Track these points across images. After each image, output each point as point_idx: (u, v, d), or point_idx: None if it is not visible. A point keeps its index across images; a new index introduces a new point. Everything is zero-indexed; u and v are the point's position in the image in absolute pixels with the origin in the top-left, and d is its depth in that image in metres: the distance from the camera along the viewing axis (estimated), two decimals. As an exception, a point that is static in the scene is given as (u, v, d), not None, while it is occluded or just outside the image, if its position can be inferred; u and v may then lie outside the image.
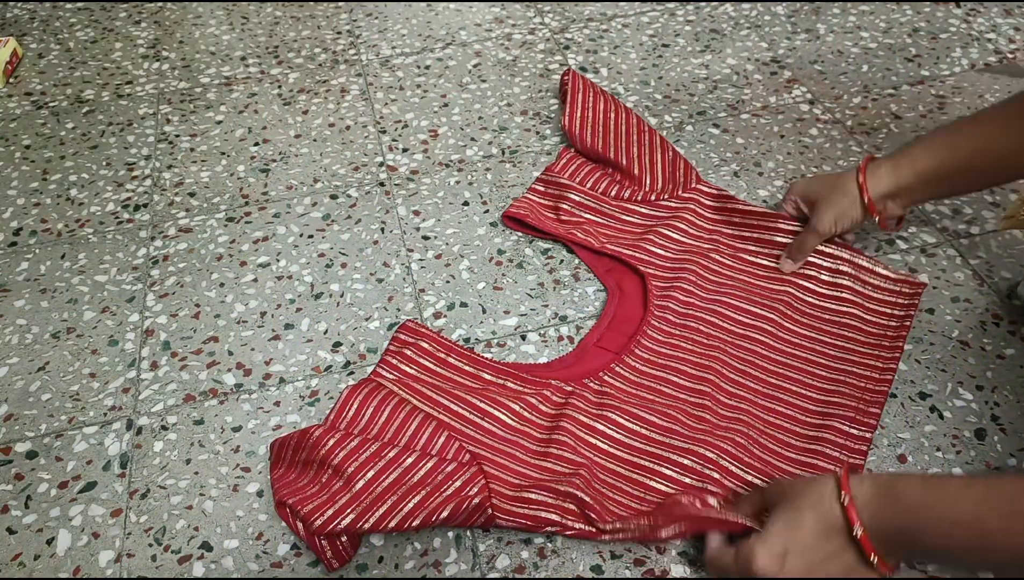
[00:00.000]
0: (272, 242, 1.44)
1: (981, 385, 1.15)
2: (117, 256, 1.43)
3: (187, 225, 1.48)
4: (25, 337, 1.29)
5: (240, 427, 1.15)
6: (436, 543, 1.02)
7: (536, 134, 1.63)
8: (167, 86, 1.84)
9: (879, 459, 1.07)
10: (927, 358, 1.19)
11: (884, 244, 1.37)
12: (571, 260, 1.37)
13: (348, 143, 1.64)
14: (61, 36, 2.03)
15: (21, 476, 1.11)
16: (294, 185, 1.55)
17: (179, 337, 1.28)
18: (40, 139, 1.70)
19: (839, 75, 1.74)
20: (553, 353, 1.23)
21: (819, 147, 1.56)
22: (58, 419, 1.18)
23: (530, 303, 1.30)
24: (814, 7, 1.96)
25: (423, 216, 1.47)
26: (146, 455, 1.13)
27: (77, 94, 1.83)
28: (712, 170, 1.52)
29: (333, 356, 1.24)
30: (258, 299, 1.34)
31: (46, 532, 1.05)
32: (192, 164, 1.62)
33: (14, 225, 1.50)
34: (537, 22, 1.96)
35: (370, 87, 1.79)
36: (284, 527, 1.03)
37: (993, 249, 1.34)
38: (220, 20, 2.05)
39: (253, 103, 1.76)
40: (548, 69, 1.80)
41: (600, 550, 1.00)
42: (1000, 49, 1.78)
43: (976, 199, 1.43)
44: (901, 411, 1.12)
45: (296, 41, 1.96)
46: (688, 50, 1.84)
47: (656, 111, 1.67)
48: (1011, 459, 1.06)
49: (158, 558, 1.02)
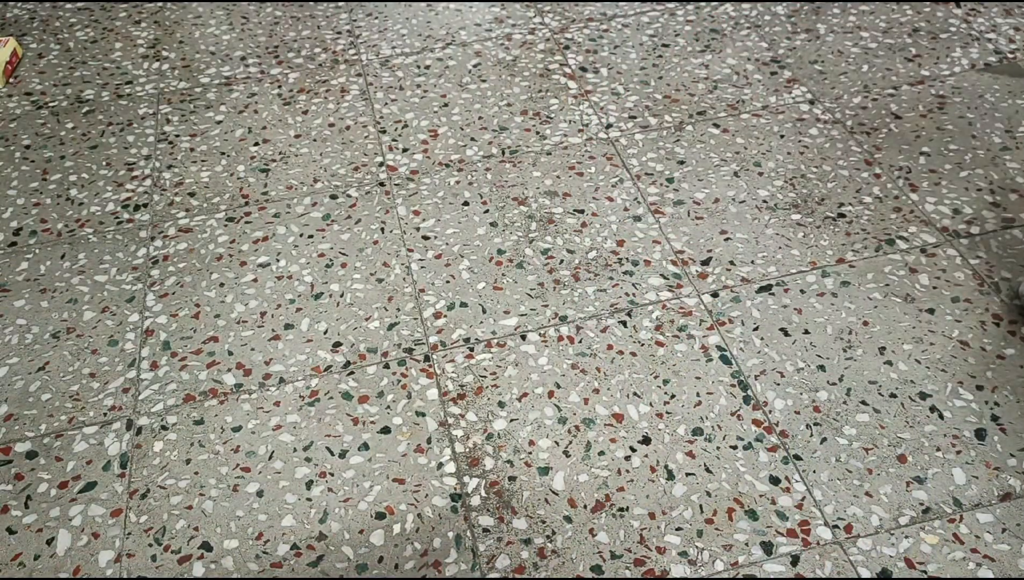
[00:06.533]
0: (272, 242, 1.44)
1: (981, 385, 1.15)
2: (117, 256, 1.43)
3: (187, 225, 1.48)
4: (25, 337, 1.29)
5: (240, 427, 1.15)
6: (436, 543, 1.02)
7: (536, 134, 1.63)
8: (167, 86, 1.84)
9: (879, 459, 1.07)
10: (927, 358, 1.19)
11: (884, 244, 1.37)
12: (571, 260, 1.37)
13: (348, 143, 1.64)
14: (61, 36, 2.03)
15: (21, 476, 1.11)
16: (294, 185, 1.55)
17: (179, 337, 1.28)
18: (40, 139, 1.70)
19: (839, 75, 1.74)
20: (553, 353, 1.23)
21: (819, 147, 1.56)
22: (58, 419, 1.18)
23: (530, 303, 1.30)
24: (814, 7, 1.96)
25: (423, 216, 1.47)
26: (146, 455, 1.13)
27: (77, 94, 1.83)
28: (712, 170, 1.52)
29: (333, 356, 1.24)
30: (258, 299, 1.34)
31: (46, 532, 1.05)
32: (192, 164, 1.62)
33: (14, 225, 1.50)
34: (537, 22, 1.96)
35: (370, 87, 1.79)
36: (284, 527, 1.04)
37: (993, 249, 1.34)
38: (220, 20, 2.05)
39: (253, 103, 1.76)
40: (548, 69, 1.80)
41: (600, 550, 1.00)
42: (1000, 49, 1.78)
43: (976, 199, 1.43)
44: (901, 411, 1.12)
45: (296, 41, 1.96)
46: (688, 50, 1.84)
47: (656, 111, 1.67)
48: (1011, 459, 1.06)
49: (158, 558, 1.02)
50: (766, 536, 1.05)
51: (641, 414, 1.19)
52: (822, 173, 1.51)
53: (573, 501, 1.09)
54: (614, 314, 1.32)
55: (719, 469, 1.12)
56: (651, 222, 1.46)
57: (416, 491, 1.11)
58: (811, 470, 1.11)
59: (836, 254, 1.38)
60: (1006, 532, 1.03)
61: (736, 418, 1.18)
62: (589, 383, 1.22)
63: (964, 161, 1.52)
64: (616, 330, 1.29)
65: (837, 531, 1.05)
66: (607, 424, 1.18)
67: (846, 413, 1.17)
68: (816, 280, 1.35)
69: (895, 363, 1.21)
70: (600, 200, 1.50)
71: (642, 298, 1.34)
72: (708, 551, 1.04)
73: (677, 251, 1.41)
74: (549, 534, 1.04)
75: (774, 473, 1.11)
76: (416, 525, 1.07)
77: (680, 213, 1.47)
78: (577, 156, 1.59)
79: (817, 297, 1.32)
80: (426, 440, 1.17)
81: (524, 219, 1.46)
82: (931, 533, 1.04)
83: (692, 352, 1.26)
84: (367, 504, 1.09)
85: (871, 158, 1.54)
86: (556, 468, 1.13)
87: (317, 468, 1.13)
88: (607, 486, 1.11)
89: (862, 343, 1.25)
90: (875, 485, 1.08)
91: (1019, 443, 1.07)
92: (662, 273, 1.37)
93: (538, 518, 1.07)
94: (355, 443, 1.16)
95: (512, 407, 1.20)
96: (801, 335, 1.27)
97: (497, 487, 1.11)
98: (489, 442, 1.16)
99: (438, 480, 1.12)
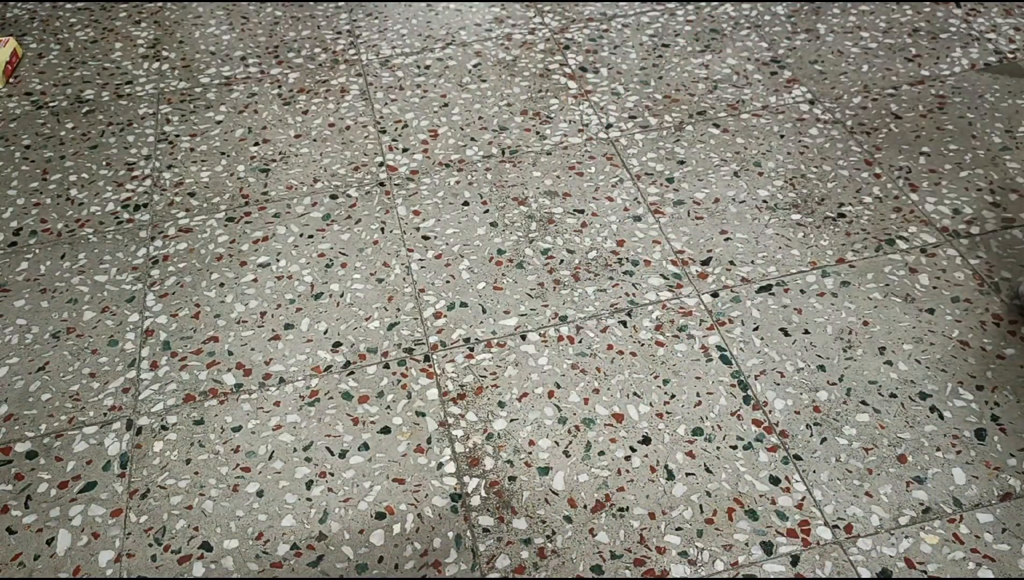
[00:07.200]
0: (272, 242, 1.44)
1: (981, 385, 1.15)
2: (117, 256, 1.43)
3: (187, 225, 1.48)
4: (25, 337, 1.30)
5: (240, 427, 1.15)
6: (436, 543, 1.02)
7: (536, 134, 1.63)
8: (167, 86, 1.84)
9: (879, 459, 1.07)
10: (927, 358, 1.19)
11: (884, 244, 1.37)
12: (571, 260, 1.37)
13: (348, 143, 1.64)
14: (61, 36, 2.03)
15: (21, 476, 1.11)
16: (294, 185, 1.55)
17: (179, 337, 1.28)
18: (40, 139, 1.70)
19: (839, 75, 1.74)
20: (553, 353, 1.23)
21: (819, 147, 1.56)
22: (58, 419, 1.18)
23: (530, 303, 1.30)
24: (814, 7, 1.96)
25: (423, 216, 1.47)
26: (146, 455, 1.13)
27: (77, 94, 1.83)
28: (712, 170, 1.52)
29: (333, 356, 1.24)
30: (258, 299, 1.34)
31: (46, 532, 1.05)
32: (192, 164, 1.62)
33: (14, 225, 1.50)
34: (537, 22, 1.96)
35: (370, 87, 1.79)
36: (284, 527, 1.04)
37: (993, 249, 1.34)
38: (220, 20, 2.05)
39: (253, 103, 1.76)
40: (548, 69, 1.80)
41: (600, 550, 1.00)
42: (1000, 49, 1.78)
43: (976, 199, 1.43)
44: (901, 411, 1.12)
45: (296, 41, 1.96)
46: (688, 50, 1.84)
47: (656, 111, 1.67)
48: (1011, 459, 1.06)
49: (158, 558, 1.02)
50: (766, 536, 1.05)
51: (641, 414, 1.19)
52: (822, 173, 1.51)
53: (573, 501, 1.09)
54: (614, 314, 1.32)
55: (719, 469, 1.12)
56: (651, 222, 1.46)
57: (416, 491, 1.11)
58: (811, 470, 1.11)
59: (836, 254, 1.38)
60: (1006, 532, 1.03)
61: (736, 418, 1.18)
62: (589, 383, 1.22)
63: (964, 161, 1.52)
64: (616, 330, 1.29)
65: (837, 531, 1.05)
66: (607, 424, 1.18)
67: (846, 413, 1.17)
68: (816, 280, 1.35)
69: (895, 363, 1.21)
70: (600, 200, 1.50)
71: (642, 298, 1.34)
72: (708, 551, 1.04)
73: (677, 251, 1.41)
74: (549, 534, 1.04)
75: (774, 473, 1.11)
76: (416, 525, 1.07)
77: (680, 213, 1.47)
78: (577, 156, 1.59)
79: (817, 297, 1.32)
80: (426, 440, 1.17)
81: (524, 219, 1.46)
82: (931, 533, 1.04)
83: (692, 352, 1.26)
84: (367, 504, 1.09)
85: (871, 158, 1.54)
86: (556, 468, 1.13)
87: (317, 468, 1.13)
88: (607, 486, 1.11)
89: (862, 343, 1.25)
90: (875, 485, 1.08)
91: (1019, 443, 1.07)
92: (662, 273, 1.37)
93: (538, 518, 1.07)
94: (355, 443, 1.16)
95: (512, 407, 1.20)
96: (801, 335, 1.27)
97: (497, 487, 1.11)
98: (489, 442, 1.16)
99: (438, 480, 1.12)
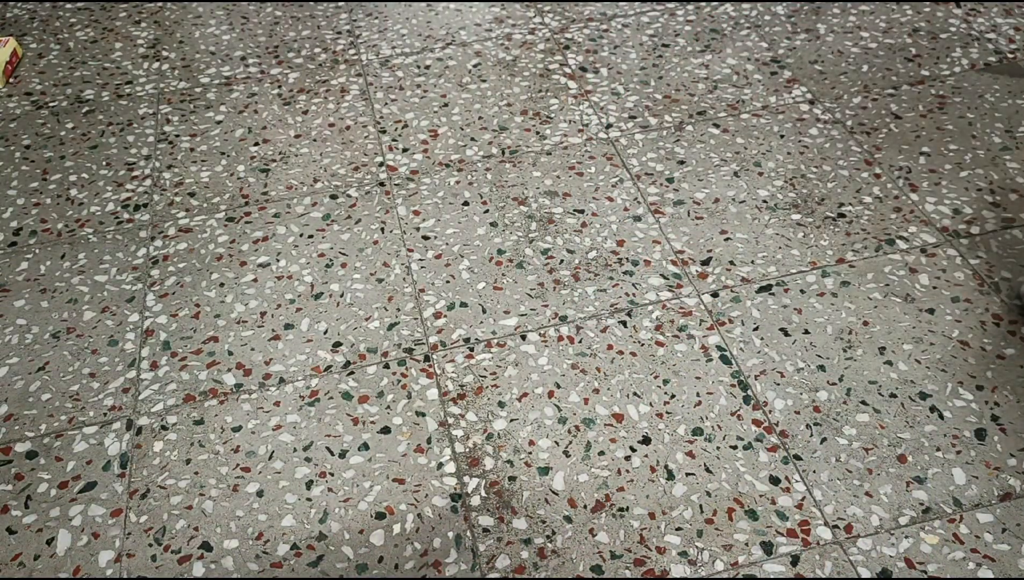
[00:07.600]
0: (272, 242, 1.44)
1: (981, 385, 1.15)
2: (117, 256, 1.43)
3: (187, 225, 1.48)
4: (25, 337, 1.30)
5: (240, 427, 1.15)
6: (436, 543, 1.02)
7: (536, 134, 1.63)
8: (167, 86, 1.84)
9: (879, 459, 1.07)
10: (927, 358, 1.19)
11: (884, 244, 1.37)
12: (571, 260, 1.37)
13: (348, 143, 1.64)
14: (61, 36, 2.03)
15: (21, 476, 1.11)
16: (294, 185, 1.55)
17: (179, 337, 1.28)
18: (40, 139, 1.70)
19: (839, 75, 1.74)
20: (553, 353, 1.23)
21: (819, 147, 1.56)
22: (58, 419, 1.18)
23: (530, 303, 1.30)
24: (814, 7, 1.96)
25: (423, 216, 1.47)
26: (146, 455, 1.13)
27: (77, 94, 1.83)
28: (712, 170, 1.52)
29: (333, 356, 1.24)
30: (258, 299, 1.34)
31: (46, 532, 1.05)
32: (192, 164, 1.62)
33: (14, 225, 1.50)
34: (537, 22, 1.96)
35: (370, 87, 1.79)
36: (284, 527, 1.04)
37: (993, 249, 1.34)
38: (220, 20, 2.05)
39: (253, 103, 1.76)
40: (548, 69, 1.80)
41: (600, 550, 1.00)
42: (1000, 49, 1.78)
43: (976, 199, 1.43)
44: (901, 411, 1.12)
45: (296, 41, 1.96)
46: (688, 50, 1.84)
47: (656, 111, 1.67)
48: (1011, 459, 1.06)
49: (158, 558, 1.02)
50: (766, 536, 1.05)
51: (641, 414, 1.19)
52: (822, 173, 1.51)
53: (573, 501, 1.09)
54: (614, 314, 1.32)
55: (719, 469, 1.12)
56: (651, 222, 1.46)
57: (416, 491, 1.11)
58: (811, 470, 1.11)
59: (836, 254, 1.38)
60: (1006, 532, 1.03)
61: (736, 418, 1.18)
62: (589, 383, 1.22)
63: (964, 161, 1.52)
64: (616, 330, 1.29)
65: (837, 531, 1.05)
66: (607, 424, 1.18)
67: (846, 413, 1.17)
68: (816, 280, 1.35)
69: (895, 363, 1.21)
70: (600, 200, 1.50)
71: (642, 298, 1.34)
72: (708, 551, 1.04)
73: (677, 251, 1.41)
74: (549, 534, 1.04)
75: (774, 473, 1.11)
76: (416, 525, 1.07)
77: (680, 213, 1.47)
78: (577, 156, 1.59)
79: (817, 297, 1.32)
80: (426, 440, 1.17)
81: (524, 219, 1.46)
82: (931, 533, 1.04)
83: (692, 352, 1.26)
84: (367, 504, 1.09)
85: (871, 158, 1.54)
86: (556, 468, 1.13)
87: (317, 468, 1.13)
88: (607, 486, 1.11)
89: (862, 343, 1.25)
90: (875, 485, 1.08)
91: (1019, 443, 1.07)
92: (662, 273, 1.37)
93: (538, 518, 1.07)
94: (355, 443, 1.16)
95: (512, 407, 1.20)
96: (801, 335, 1.27)
97: (497, 487, 1.11)
98: (489, 442, 1.16)
99: (438, 480, 1.12)
